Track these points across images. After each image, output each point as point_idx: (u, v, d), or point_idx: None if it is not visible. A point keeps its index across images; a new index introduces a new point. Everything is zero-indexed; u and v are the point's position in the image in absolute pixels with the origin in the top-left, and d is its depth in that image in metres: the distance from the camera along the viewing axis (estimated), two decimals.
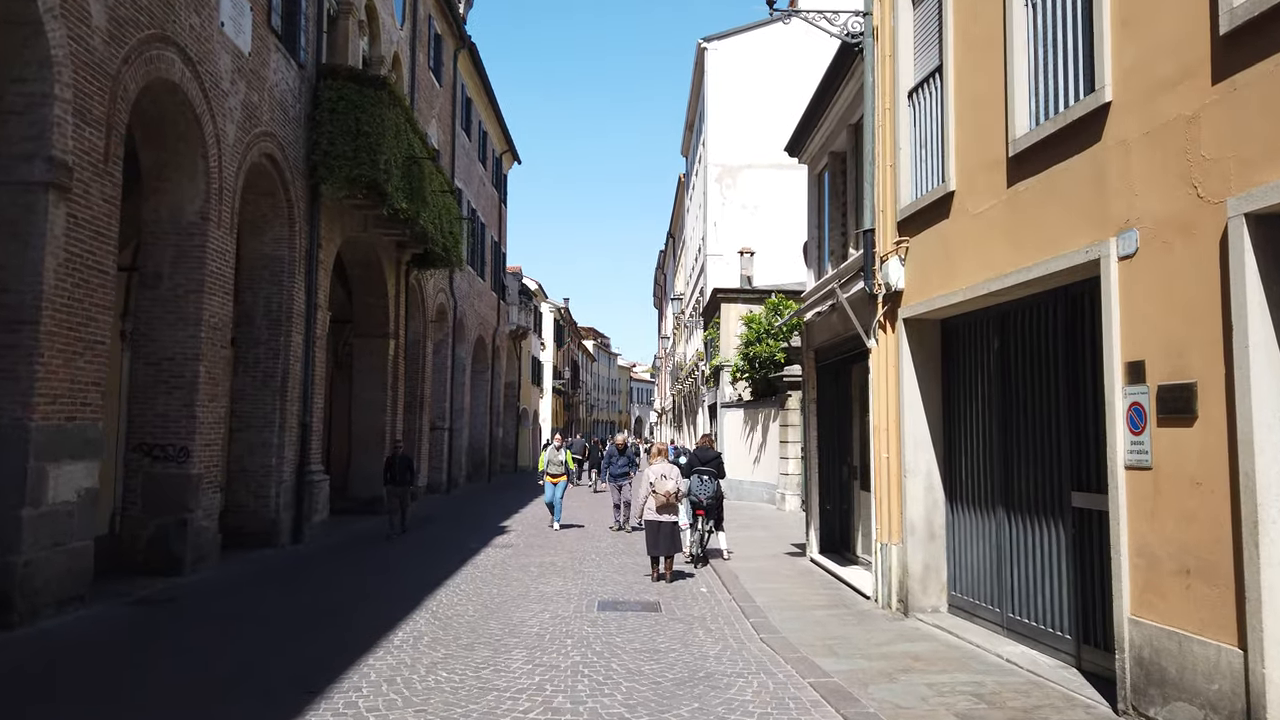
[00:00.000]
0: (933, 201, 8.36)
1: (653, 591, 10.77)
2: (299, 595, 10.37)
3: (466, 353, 31.96)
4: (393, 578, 11.63)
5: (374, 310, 21.26)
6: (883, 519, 9.29)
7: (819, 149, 12.69)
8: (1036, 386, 7.39)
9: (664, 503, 11.66)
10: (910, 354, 8.95)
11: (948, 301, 8.05)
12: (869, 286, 9.50)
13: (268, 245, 15.23)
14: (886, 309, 9.31)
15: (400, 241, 20.73)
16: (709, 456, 13.28)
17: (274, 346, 15.08)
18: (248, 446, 14.87)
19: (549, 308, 60.54)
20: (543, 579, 11.58)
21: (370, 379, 21.24)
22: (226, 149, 12.59)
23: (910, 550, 8.82)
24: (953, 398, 8.83)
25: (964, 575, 8.57)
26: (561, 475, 18.08)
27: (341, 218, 17.52)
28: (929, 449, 8.89)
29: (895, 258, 9.03)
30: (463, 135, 30.22)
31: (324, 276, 16.67)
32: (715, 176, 33.70)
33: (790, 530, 17.52)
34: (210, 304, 12.28)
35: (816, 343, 12.84)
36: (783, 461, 22.38)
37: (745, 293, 28.61)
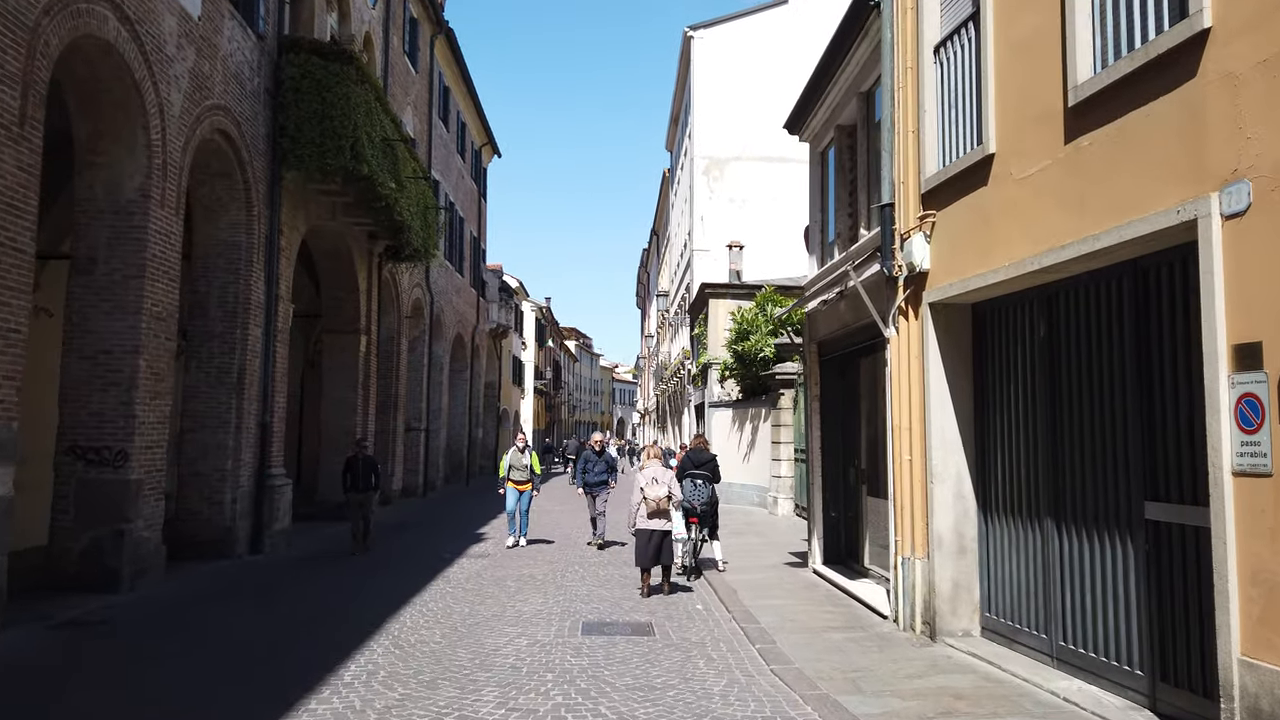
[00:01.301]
0: (966, 168, 7.31)
1: (643, 609, 9.67)
2: (244, 617, 9.20)
3: (444, 351, 30.77)
4: (354, 595, 10.48)
5: (344, 305, 20.07)
6: (904, 530, 8.23)
7: (823, 123, 11.63)
8: (1096, 377, 6.34)
9: (655, 509, 10.60)
10: (937, 343, 7.90)
11: (984, 282, 6.99)
12: (887, 268, 8.44)
13: (223, 230, 14.04)
14: (908, 293, 8.25)
15: (372, 232, 19.57)
16: (703, 459, 12.20)
17: (230, 340, 13.90)
18: (201, 449, 13.68)
19: (530, 306, 59.36)
20: (520, 595, 10.46)
21: (340, 377, 20.06)
22: (171, 120, 11.40)
23: (938, 566, 7.77)
24: (986, 392, 7.78)
25: (1001, 595, 7.51)
26: (527, 483, 15.17)
27: (306, 204, 16.33)
28: (958, 451, 7.84)
29: (919, 235, 7.98)
30: (440, 125, 29.05)
31: (286, 266, 15.48)
32: (702, 169, 32.63)
33: (785, 537, 16.46)
34: (153, 291, 11.08)
35: (820, 335, 11.78)
36: (775, 464, 21.33)
37: (734, 288, 27.53)
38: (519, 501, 15.02)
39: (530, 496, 15.23)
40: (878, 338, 9.42)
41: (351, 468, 14.61)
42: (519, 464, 15.14)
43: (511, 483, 15.07)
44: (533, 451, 15.61)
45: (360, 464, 14.62)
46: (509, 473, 15.08)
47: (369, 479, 14.59)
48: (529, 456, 15.31)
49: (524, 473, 15.11)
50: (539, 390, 62.50)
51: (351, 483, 14.51)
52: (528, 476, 15.15)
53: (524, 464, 15.14)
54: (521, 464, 15.14)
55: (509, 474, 15.07)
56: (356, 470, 14.56)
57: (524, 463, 15.16)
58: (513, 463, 15.16)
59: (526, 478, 15.13)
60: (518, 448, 15.37)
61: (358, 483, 14.49)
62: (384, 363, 23.00)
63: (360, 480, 14.50)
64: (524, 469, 15.12)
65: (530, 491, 15.21)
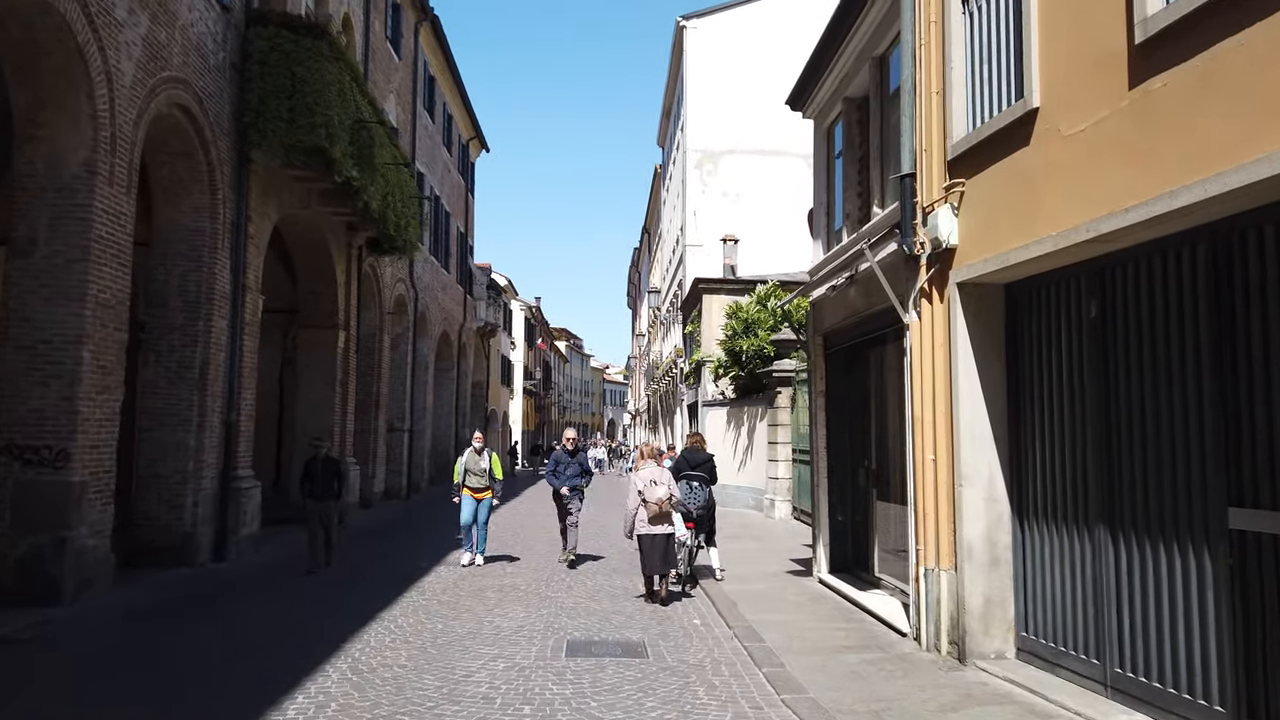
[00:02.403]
0: (1002, 129, 6.44)
1: (635, 625, 8.76)
2: (190, 634, 8.27)
3: (429, 349, 29.81)
4: (318, 608, 9.55)
5: (321, 299, 19.11)
6: (927, 538, 7.35)
7: (830, 96, 10.76)
8: (1161, 363, 5.47)
9: (657, 513, 9.76)
10: (966, 328, 7.02)
11: (1025, 255, 6.11)
12: (908, 246, 7.57)
13: (185, 215, 13.09)
14: (933, 272, 7.38)
15: (351, 222, 18.61)
16: (700, 459, 11.31)
17: (191, 332, 12.94)
18: (159, 449, 12.72)
19: (519, 305, 58.39)
20: (500, 608, 9.54)
21: (317, 375, 19.08)
22: (121, 91, 10.45)
23: (967, 579, 6.88)
24: (1021, 383, 6.90)
25: (1041, 613, 6.63)
26: (486, 490, 13.09)
27: (279, 190, 15.39)
28: (990, 450, 6.96)
29: (945, 207, 7.10)
30: (425, 116, 28.13)
31: (255, 254, 14.52)
32: (695, 163, 31.76)
33: (784, 542, 15.59)
34: (99, 276, 10.14)
35: (827, 325, 10.90)
36: (772, 464, 20.46)
37: (729, 283, 26.67)
38: (475, 512, 12.94)
39: (490, 506, 13.14)
40: (894, 325, 8.55)
41: (310, 472, 12.69)
42: (476, 467, 13.12)
43: (467, 490, 13.06)
44: (493, 453, 13.45)
45: (320, 468, 12.68)
46: (464, 478, 13.08)
47: (330, 484, 12.68)
48: (488, 459, 13.23)
49: (482, 478, 13.10)
50: (528, 391, 61.51)
51: (310, 489, 12.57)
52: (487, 482, 13.13)
53: (482, 468, 13.11)
54: (479, 468, 13.12)
55: (464, 479, 13.07)
56: (315, 475, 12.62)
57: (482, 466, 13.12)
58: (468, 466, 13.14)
59: (486, 484, 13.11)
60: (474, 449, 13.26)
61: (316, 489, 12.55)
62: (365, 360, 22.05)
63: (320, 486, 12.55)
64: (482, 474, 13.11)
65: (490, 500, 13.15)
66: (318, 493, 12.51)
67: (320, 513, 12.51)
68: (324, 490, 12.55)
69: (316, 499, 12.52)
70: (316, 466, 12.65)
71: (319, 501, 12.53)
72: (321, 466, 12.65)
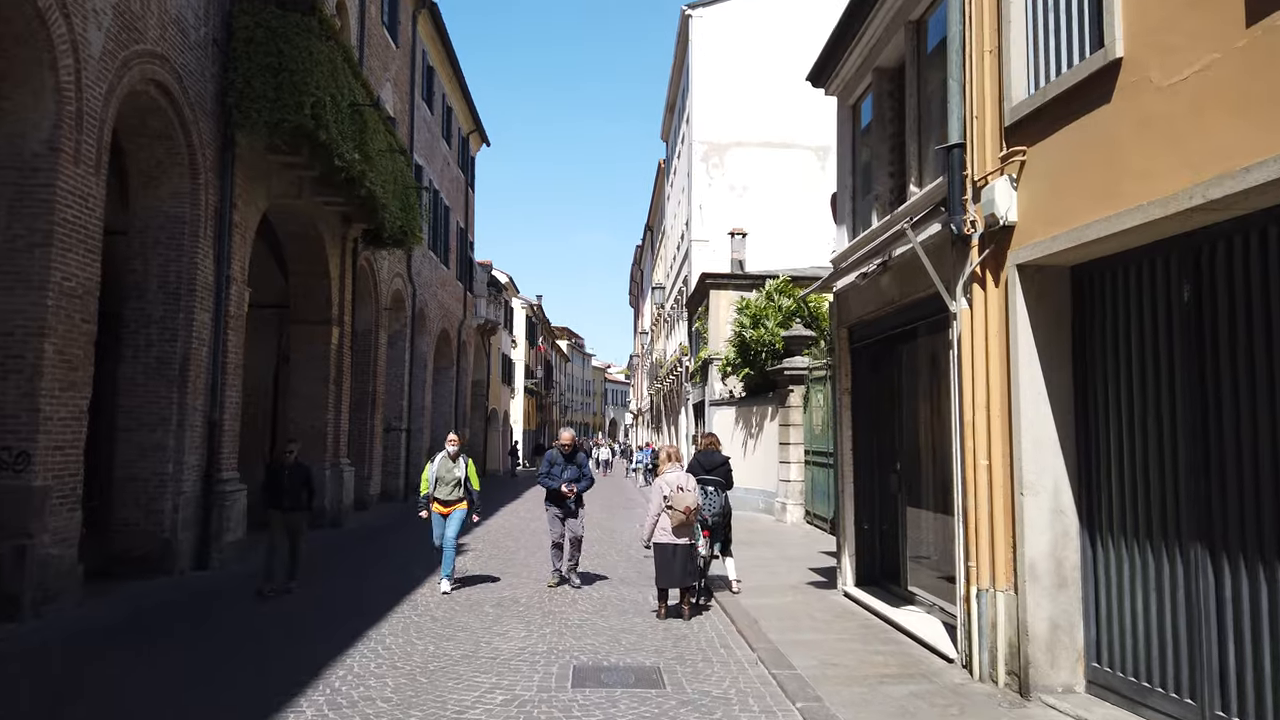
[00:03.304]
0: (1075, 85, 5.61)
1: (648, 646, 7.93)
2: (152, 656, 7.44)
3: (428, 346, 29.01)
4: (299, 625, 8.73)
5: (314, 293, 18.31)
6: (980, 554, 6.51)
7: (857, 69, 9.91)
8: (1272, 355, 4.64)
9: (682, 521, 8.99)
10: (1027, 316, 6.19)
11: (1107, 230, 5.28)
12: (956, 225, 6.74)
13: (165, 201, 12.30)
14: (987, 253, 6.54)
15: (345, 213, 17.81)
16: (715, 462, 10.49)
17: (171, 326, 12.15)
18: (137, 449, 11.93)
19: (520, 303, 57.52)
20: (499, 626, 8.72)
21: (309, 371, 18.29)
22: (89, 63, 9.63)
23: (1030, 601, 6.05)
24: (1092, 379, 6.07)
25: (1117, 643, 5.80)
26: (459, 502, 10.96)
27: (267, 177, 14.58)
28: (1056, 455, 6.13)
29: (1002, 179, 6.27)
30: (424, 107, 27.32)
31: (241, 244, 13.70)
32: (701, 155, 30.92)
33: (800, 549, 14.75)
34: (63, 262, 9.33)
35: (854, 318, 10.07)
36: (783, 466, 19.62)
37: (737, 278, 25.80)
38: (446, 528, 10.81)
39: (461, 521, 10.93)
40: (936, 315, 7.73)
41: (276, 479, 10.81)
42: (448, 476, 10.93)
43: (436, 504, 10.90)
44: (469, 460, 11.28)
45: (286, 474, 10.80)
46: (433, 488, 10.90)
47: (298, 494, 10.86)
48: (464, 466, 11.06)
49: (455, 489, 10.94)
50: (529, 390, 60.66)
51: (274, 497, 10.75)
52: (460, 494, 10.95)
53: (456, 476, 10.94)
54: (452, 476, 10.94)
55: (433, 489, 10.90)
56: (281, 482, 10.78)
57: (456, 475, 10.95)
58: (439, 474, 10.92)
59: (459, 496, 10.95)
60: (448, 453, 11.09)
61: (281, 499, 10.72)
62: (360, 357, 21.25)
63: (286, 495, 10.74)
64: (455, 484, 10.95)
65: (463, 514, 10.96)
66: (285, 503, 10.74)
67: (286, 526, 10.78)
68: (292, 501, 10.78)
69: (283, 510, 10.75)
70: (284, 473, 10.82)
71: (285, 513, 10.74)
72: (290, 474, 10.82)
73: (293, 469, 10.89)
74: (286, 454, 11.06)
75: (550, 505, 11.27)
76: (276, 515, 10.75)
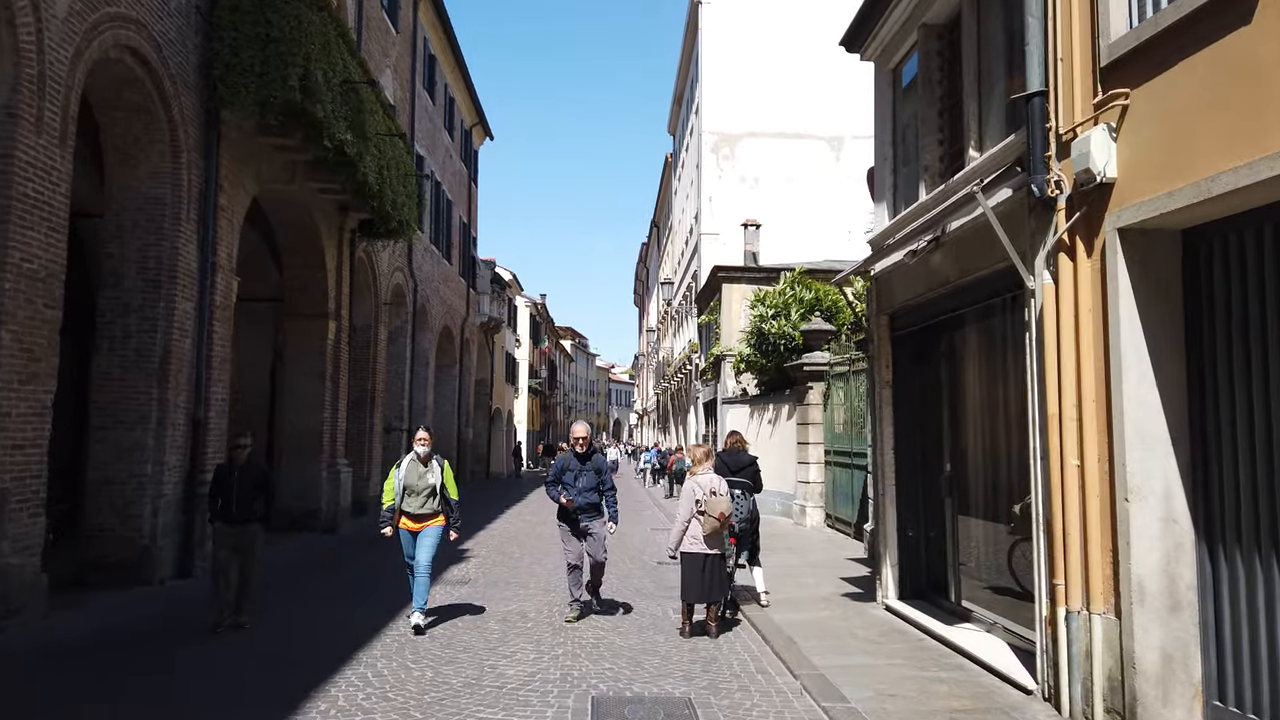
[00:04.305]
0: (1198, 9, 4.66)
1: (675, 672, 6.99)
2: (112, 686, 6.51)
3: (430, 343, 28.12)
4: (282, 646, 7.80)
5: (309, 285, 17.40)
6: (1069, 569, 5.57)
7: (900, 28, 8.96)
8: None
9: (715, 528, 8.09)
10: (1130, 289, 5.25)
11: (1243, 181, 4.34)
12: (1037, 187, 5.79)
13: (144, 181, 11.40)
14: (1078, 217, 5.59)
15: (342, 202, 16.92)
16: (742, 463, 9.56)
17: (150, 315, 11.26)
18: (114, 449, 11.03)
19: (524, 301, 56.59)
20: (505, 646, 7.78)
21: (304, 368, 17.39)
22: (52, 23, 8.72)
23: (1137, 627, 5.11)
24: (1210, 363, 5.13)
25: (1246, 678, 4.85)
26: (435, 518, 8.59)
27: (258, 160, 13.67)
28: (1167, 453, 5.19)
29: (1099, 129, 5.33)
30: (425, 96, 26.43)
31: (228, 229, 12.80)
32: (711, 146, 29.97)
33: (825, 554, 13.83)
34: (22, 241, 8.41)
35: (896, 303, 9.12)
36: (801, 467, 18.68)
37: (751, 271, 24.86)
38: (419, 547, 8.52)
39: (437, 540, 8.59)
40: (1003, 293, 6.80)
41: (223, 483, 8.55)
42: (419, 484, 8.52)
43: (405, 519, 8.54)
44: (446, 464, 8.86)
45: (237, 478, 8.51)
46: (400, 499, 8.51)
47: (249, 502, 8.53)
48: (438, 471, 8.64)
49: (428, 500, 8.54)
50: (533, 390, 59.75)
51: (222, 508, 8.50)
52: (435, 507, 8.59)
53: (429, 484, 8.54)
54: (424, 484, 8.53)
55: (400, 501, 8.52)
56: (230, 487, 8.48)
57: (429, 482, 8.54)
58: (407, 481, 8.53)
59: (433, 508, 8.57)
60: (416, 454, 8.63)
61: (230, 509, 8.45)
62: (359, 354, 20.36)
63: (236, 505, 8.43)
64: (428, 493, 8.53)
65: (439, 531, 8.62)
66: (233, 514, 8.45)
67: (234, 542, 8.49)
68: (242, 510, 8.48)
69: (230, 522, 8.46)
70: (233, 476, 8.54)
71: (233, 526, 8.46)
72: (240, 476, 8.53)
73: (244, 470, 8.60)
74: (237, 450, 8.75)
75: (563, 521, 9.20)
76: (222, 530, 8.51)
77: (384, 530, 8.59)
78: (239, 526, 8.52)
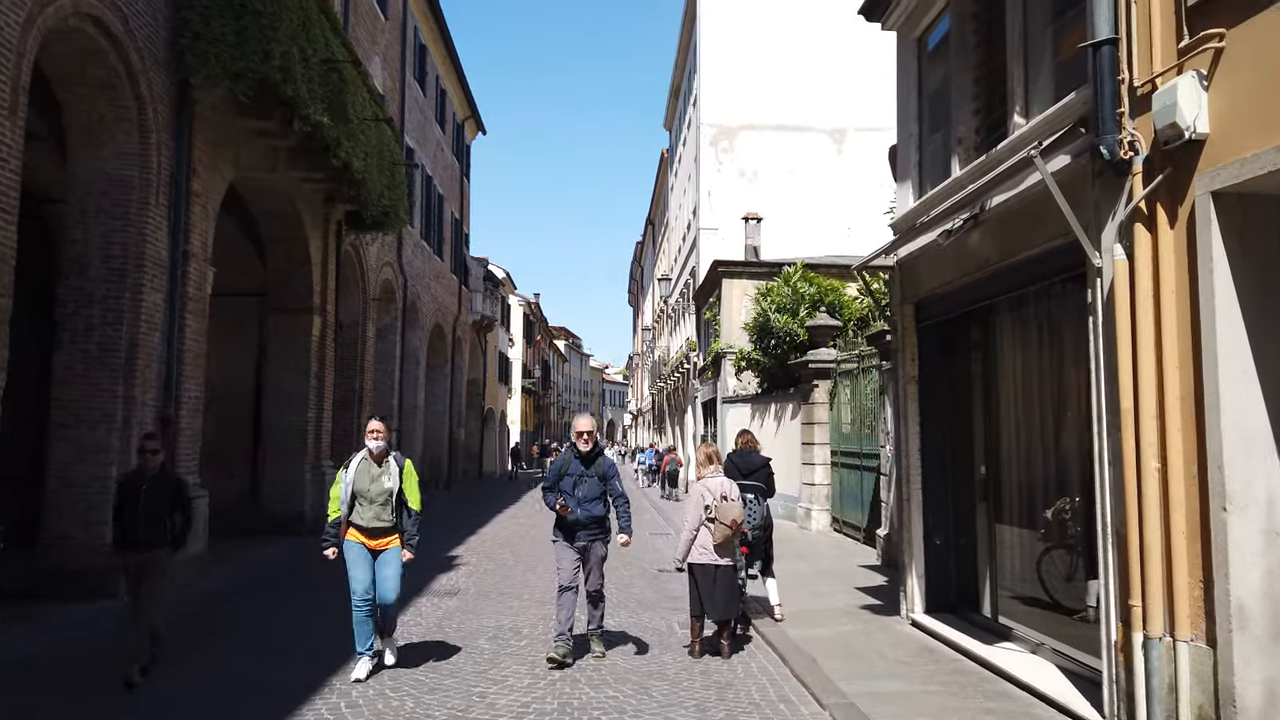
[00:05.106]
0: None
1: (686, 700, 6.23)
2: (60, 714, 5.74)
3: (420, 341, 27.36)
4: (253, 666, 7.02)
5: (293, 279, 16.64)
6: (1147, 588, 4.82)
7: None
8: None
9: (727, 536, 7.35)
10: (1227, 263, 4.51)
11: None
12: (1108, 148, 5.05)
13: (109, 162, 10.63)
14: (1160, 180, 4.84)
15: (327, 192, 16.14)
16: (754, 465, 8.80)
17: (115, 307, 10.49)
18: (75, 450, 10.27)
19: (518, 300, 55.82)
20: (495, 669, 7.01)
21: (288, 364, 16.65)
22: None
23: (1237, 657, 4.37)
24: None
25: None
26: (389, 538, 6.81)
27: (235, 145, 12.90)
28: (1269, 457, 4.45)
29: (1186, 77, 4.59)
30: (415, 87, 25.65)
31: (202, 216, 12.02)
32: (710, 139, 29.20)
33: (835, 561, 13.09)
34: None
35: (924, 290, 8.37)
36: (807, 468, 17.95)
37: (752, 265, 24.11)
38: (374, 571, 6.75)
39: (398, 567, 6.80)
40: (1060, 274, 6.05)
41: (128, 498, 6.75)
42: (373, 489, 6.74)
43: (355, 533, 6.75)
44: (408, 463, 6.98)
45: (145, 490, 6.72)
46: (350, 510, 6.75)
47: (157, 522, 6.70)
48: (396, 472, 6.84)
49: (386, 509, 6.75)
50: (527, 390, 58.95)
51: (124, 532, 6.75)
52: (391, 521, 6.78)
53: (385, 489, 6.75)
54: (380, 489, 6.74)
55: (349, 513, 6.75)
56: (137, 504, 6.67)
57: (385, 487, 6.76)
58: (357, 486, 6.75)
59: (391, 521, 6.79)
60: (369, 450, 6.82)
61: (135, 531, 6.65)
62: (346, 351, 19.58)
63: (143, 524, 6.64)
64: (384, 501, 6.75)
65: (399, 553, 6.81)
66: (138, 535, 6.64)
67: (140, 570, 6.69)
68: (149, 529, 6.64)
69: (135, 549, 6.68)
70: (139, 491, 6.72)
71: (139, 553, 6.67)
72: (149, 488, 6.73)
73: (155, 482, 6.78)
74: (145, 456, 6.94)
75: (559, 534, 7.44)
76: (130, 559, 6.74)
77: (326, 551, 6.73)
78: (141, 554, 6.65)
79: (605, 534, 7.52)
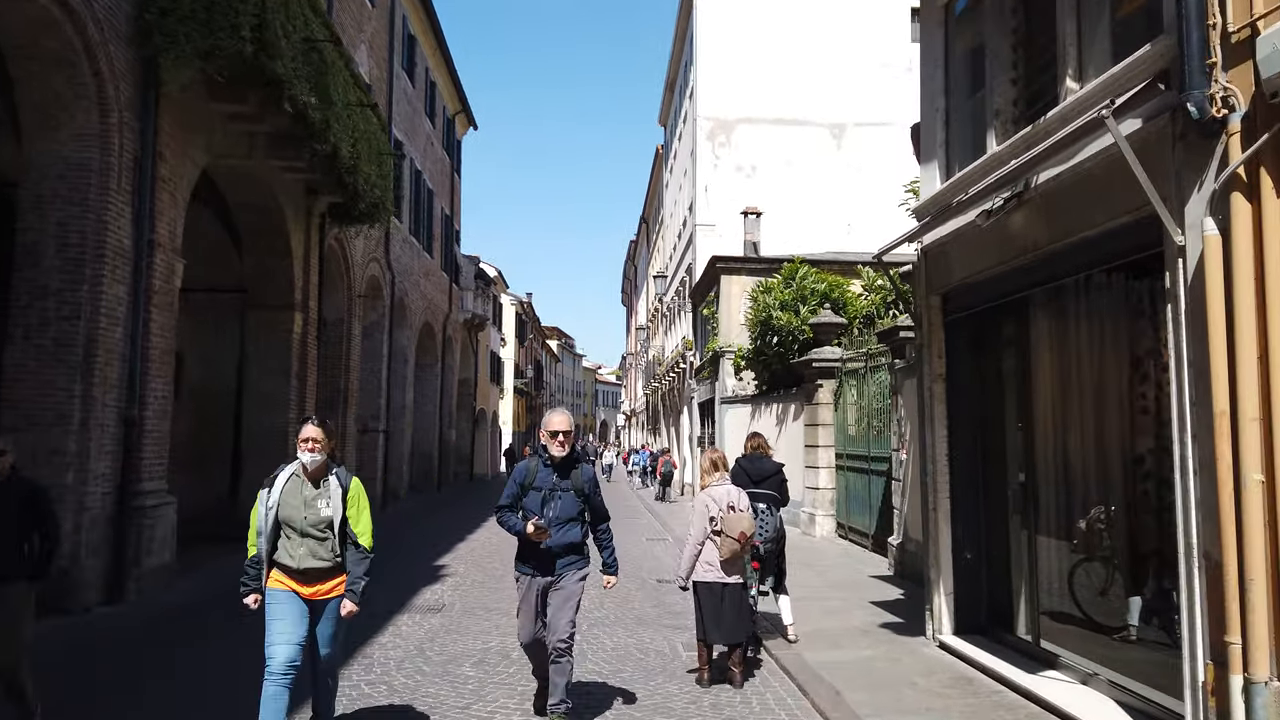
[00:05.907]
0: None
1: None
2: None
3: (409, 340, 26.55)
4: (216, 686, 6.25)
5: (273, 274, 15.86)
6: (1250, 622, 4.09)
7: None
8: None
9: (735, 552, 6.62)
10: None
11: None
12: (1196, 106, 4.32)
13: (66, 144, 9.89)
14: (1263, 142, 4.12)
15: (310, 183, 15.39)
16: (765, 471, 8.07)
17: (72, 300, 9.74)
18: (27, 454, 9.36)
19: (510, 299, 55.03)
20: (482, 702, 6.26)
21: (268, 363, 15.88)
22: None
23: None
24: None
25: None
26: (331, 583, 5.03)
27: (209, 129, 12.12)
28: None
29: None
30: (404, 78, 24.87)
31: (170, 203, 11.25)
32: (706, 133, 28.47)
33: (843, 572, 12.35)
34: None
35: (953, 280, 7.63)
36: (810, 472, 17.21)
37: (751, 261, 23.39)
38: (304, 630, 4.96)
39: (336, 621, 5.09)
40: (1121, 258, 5.32)
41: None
42: (309, 519, 4.97)
43: (278, 579, 5.00)
44: (355, 482, 5.18)
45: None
46: (267, 544, 4.96)
47: (12, 546, 5.17)
48: (338, 495, 5.05)
49: (323, 546, 5.00)
50: (519, 390, 58.14)
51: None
52: (332, 560, 5.02)
53: (322, 518, 4.98)
54: (313, 518, 4.97)
55: (265, 548, 4.96)
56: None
57: (322, 515, 4.98)
58: (286, 513, 4.95)
59: (330, 562, 5.02)
60: (301, 464, 5.03)
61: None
62: (330, 349, 18.79)
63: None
64: (320, 535, 4.99)
65: (337, 605, 5.04)
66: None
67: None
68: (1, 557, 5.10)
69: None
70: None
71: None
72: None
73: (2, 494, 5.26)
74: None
75: (521, 565, 5.70)
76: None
77: (246, 600, 4.98)
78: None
79: (581, 562, 5.62)
